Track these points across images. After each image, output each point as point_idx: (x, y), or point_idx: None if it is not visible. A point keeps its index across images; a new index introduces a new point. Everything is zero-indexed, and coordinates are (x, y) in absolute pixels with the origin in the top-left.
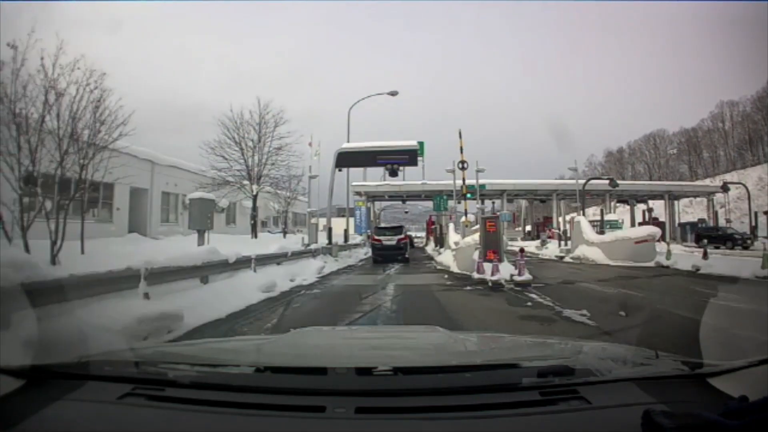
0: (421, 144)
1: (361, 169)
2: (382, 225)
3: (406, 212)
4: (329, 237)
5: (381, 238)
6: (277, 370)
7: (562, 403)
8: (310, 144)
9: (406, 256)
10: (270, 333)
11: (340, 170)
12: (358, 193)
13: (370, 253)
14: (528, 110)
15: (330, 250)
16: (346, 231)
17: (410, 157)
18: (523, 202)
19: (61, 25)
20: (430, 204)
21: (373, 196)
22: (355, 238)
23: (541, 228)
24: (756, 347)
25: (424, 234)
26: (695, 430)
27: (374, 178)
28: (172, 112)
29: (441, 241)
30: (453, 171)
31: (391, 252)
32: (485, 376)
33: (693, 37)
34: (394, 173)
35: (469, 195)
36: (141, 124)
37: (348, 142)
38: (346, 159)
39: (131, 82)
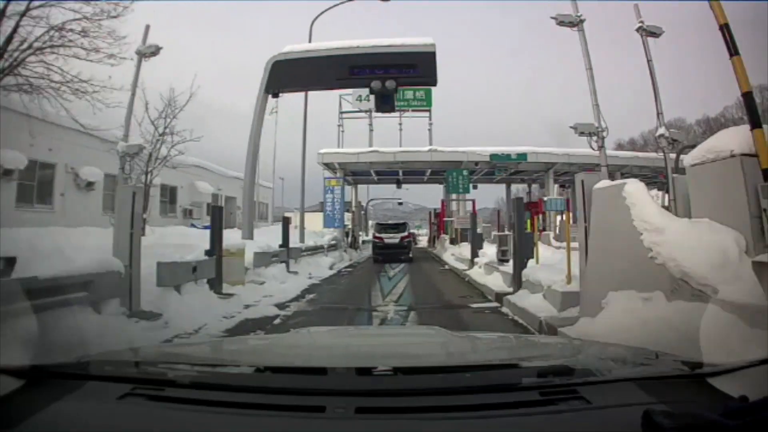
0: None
1: (332, 134)
2: (383, 222)
3: (400, 203)
4: (212, 238)
5: (382, 235)
6: (277, 370)
7: (562, 403)
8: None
9: (410, 255)
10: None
11: (275, 95)
12: (329, 167)
13: (341, 264)
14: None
15: (211, 269)
16: (287, 222)
17: (423, 67)
18: (554, 186)
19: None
20: (424, 199)
21: (353, 173)
22: (323, 237)
23: None
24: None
25: (415, 231)
26: (695, 430)
27: (355, 141)
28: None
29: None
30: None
31: (394, 251)
32: (485, 376)
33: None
34: (384, 97)
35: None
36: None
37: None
38: (291, 74)
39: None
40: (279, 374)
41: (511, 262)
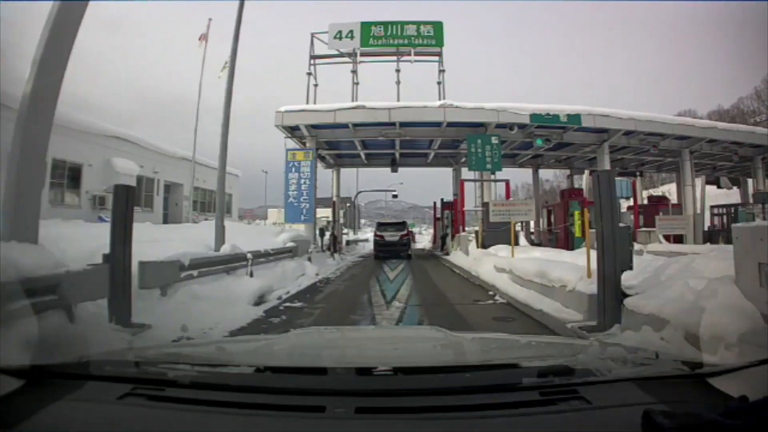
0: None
1: (298, 88)
2: (384, 221)
3: (395, 196)
4: None
5: (383, 234)
6: (277, 370)
7: (562, 403)
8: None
9: (409, 253)
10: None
11: None
12: (295, 135)
13: (290, 287)
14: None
15: None
16: (130, 202)
17: None
18: (589, 173)
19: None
20: (419, 197)
21: (330, 146)
22: (278, 237)
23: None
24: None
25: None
26: (695, 430)
27: (329, 94)
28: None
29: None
30: None
31: (394, 248)
32: (485, 376)
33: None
34: None
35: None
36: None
37: None
38: None
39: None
40: (279, 374)
41: None
